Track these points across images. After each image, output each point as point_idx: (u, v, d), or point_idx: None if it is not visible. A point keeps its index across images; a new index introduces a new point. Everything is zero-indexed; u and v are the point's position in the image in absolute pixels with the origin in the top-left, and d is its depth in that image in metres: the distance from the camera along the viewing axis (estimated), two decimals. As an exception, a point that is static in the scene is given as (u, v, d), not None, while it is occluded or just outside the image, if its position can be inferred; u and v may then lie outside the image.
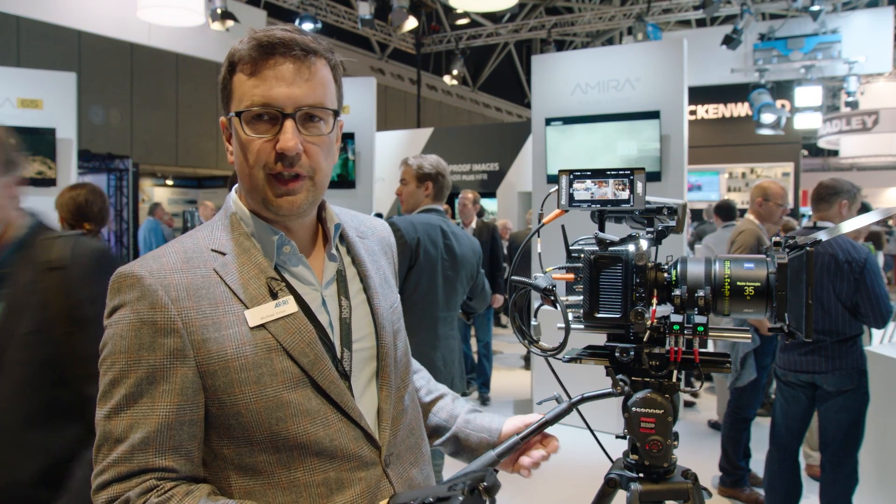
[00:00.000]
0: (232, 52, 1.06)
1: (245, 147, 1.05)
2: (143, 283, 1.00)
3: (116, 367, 0.99)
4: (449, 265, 3.21)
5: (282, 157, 1.03)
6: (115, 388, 0.98)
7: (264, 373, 1.01)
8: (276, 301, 1.05)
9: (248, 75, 1.03)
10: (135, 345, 0.98)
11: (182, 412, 0.99)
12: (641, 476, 1.22)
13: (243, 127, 1.04)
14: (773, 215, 4.10)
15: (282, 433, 1.01)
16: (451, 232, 3.28)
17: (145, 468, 0.97)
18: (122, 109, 13.36)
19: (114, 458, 0.96)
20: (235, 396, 1.00)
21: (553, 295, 1.18)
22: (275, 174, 1.04)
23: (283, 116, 1.03)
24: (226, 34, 8.45)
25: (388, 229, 1.36)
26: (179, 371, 0.99)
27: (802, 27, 10.87)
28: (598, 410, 1.59)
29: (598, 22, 14.32)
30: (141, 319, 0.99)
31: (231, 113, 1.06)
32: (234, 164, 1.11)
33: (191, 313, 1.00)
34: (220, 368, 1.00)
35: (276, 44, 1.02)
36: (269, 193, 1.05)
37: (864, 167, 19.73)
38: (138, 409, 0.97)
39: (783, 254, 1.11)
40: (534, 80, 5.98)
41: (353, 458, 1.06)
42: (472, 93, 21.98)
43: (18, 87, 6.64)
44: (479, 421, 1.33)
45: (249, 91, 1.03)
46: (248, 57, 1.03)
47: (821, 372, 3.24)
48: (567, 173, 1.21)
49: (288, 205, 1.06)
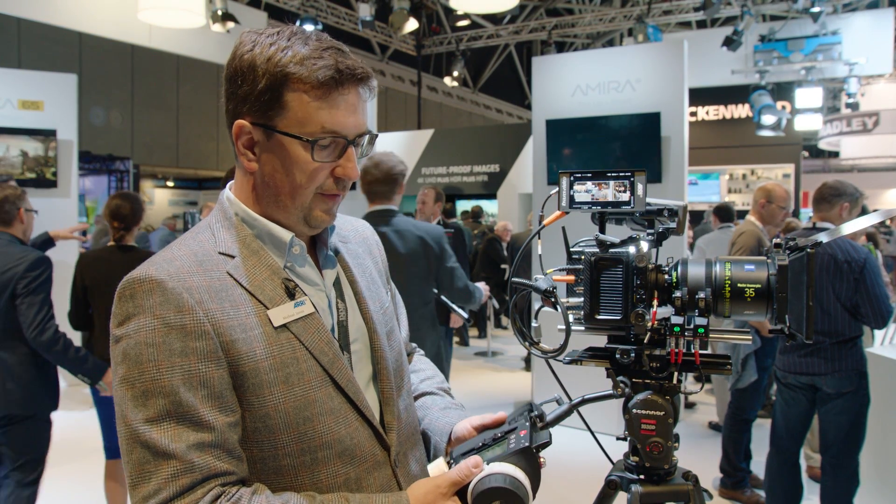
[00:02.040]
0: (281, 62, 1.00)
1: (303, 168, 1.04)
2: (164, 286, 0.96)
3: (147, 377, 0.93)
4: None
5: (338, 181, 1.06)
6: (150, 399, 0.93)
7: (292, 372, 1.01)
8: (295, 301, 1.05)
9: (315, 99, 1.01)
10: (165, 351, 0.94)
11: (226, 414, 0.96)
12: (642, 478, 1.21)
13: (306, 150, 1.02)
14: (776, 218, 4.10)
15: (308, 432, 1.01)
16: (394, 231, 3.24)
17: (208, 475, 0.92)
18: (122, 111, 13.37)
19: (171, 473, 0.91)
20: (264, 398, 0.99)
21: (554, 296, 1.18)
22: (324, 193, 1.07)
23: (347, 143, 1.04)
24: (227, 36, 8.45)
25: (370, 228, 1.36)
26: (216, 374, 0.96)
27: (803, 29, 10.87)
28: (598, 412, 1.59)
29: (598, 23, 14.33)
30: (168, 324, 0.95)
31: (280, 129, 1.02)
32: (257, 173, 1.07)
33: (217, 315, 0.98)
34: (251, 370, 0.98)
35: (350, 72, 1.02)
36: (316, 210, 1.07)
37: (864, 168, 19.71)
38: (184, 418, 0.93)
39: (784, 255, 1.11)
40: (534, 81, 5.98)
41: (369, 458, 1.08)
42: (473, 94, 21.99)
43: (19, 89, 6.64)
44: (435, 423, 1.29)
45: (320, 118, 1.01)
46: (318, 81, 1.00)
47: (821, 374, 3.23)
48: (567, 175, 1.21)
49: (330, 218, 1.10)
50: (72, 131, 6.77)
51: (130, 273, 0.99)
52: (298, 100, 1.01)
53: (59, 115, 6.70)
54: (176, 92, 14.27)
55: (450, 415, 1.28)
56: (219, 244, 1.06)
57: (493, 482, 0.94)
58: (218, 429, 0.94)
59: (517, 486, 0.94)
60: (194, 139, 14.65)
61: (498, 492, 0.93)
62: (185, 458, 0.91)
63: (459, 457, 1.06)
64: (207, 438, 0.93)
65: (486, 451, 1.04)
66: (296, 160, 1.03)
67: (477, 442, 1.08)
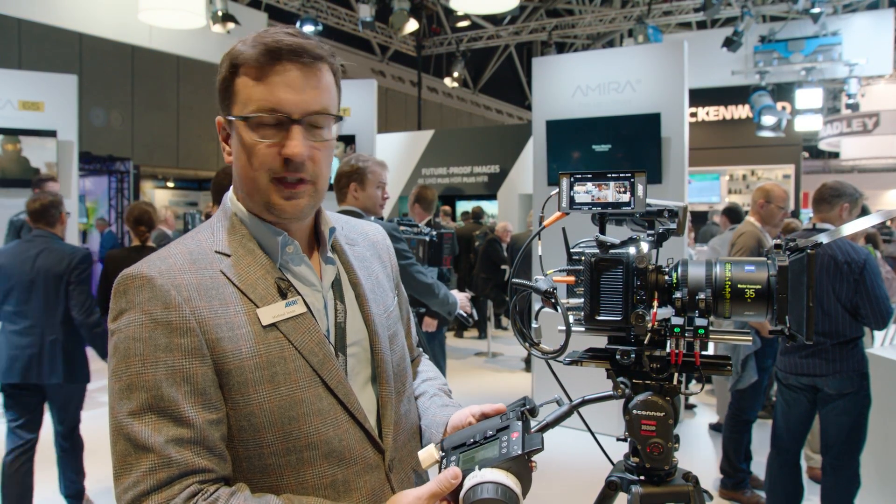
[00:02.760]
0: (234, 54, 1.05)
1: (249, 151, 1.04)
2: (153, 283, 0.98)
3: (132, 371, 0.95)
4: None
5: (288, 162, 1.03)
6: (134, 393, 0.94)
7: (278, 371, 1.01)
8: (286, 301, 1.05)
9: (253, 79, 1.03)
10: (150, 346, 0.95)
11: (208, 411, 0.97)
12: (642, 479, 1.21)
13: (249, 131, 1.04)
14: (774, 218, 4.10)
15: (294, 432, 1.01)
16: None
17: (186, 471, 0.93)
18: (122, 111, 13.37)
19: (149, 466, 0.91)
20: (249, 396, 0.99)
21: (554, 297, 1.18)
22: (279, 178, 1.05)
23: (290, 122, 1.03)
24: (226, 36, 8.46)
25: (382, 233, 1.35)
26: (199, 370, 0.97)
27: (803, 29, 10.87)
28: (598, 413, 1.59)
29: (598, 24, 14.34)
30: (154, 320, 0.96)
31: (233, 115, 1.06)
32: (231, 165, 1.11)
33: (204, 312, 0.99)
34: (235, 368, 0.99)
35: (284, 49, 1.02)
36: (274, 197, 1.06)
37: (864, 169, 19.70)
38: (165, 412, 0.94)
39: (784, 256, 1.11)
40: (534, 82, 5.98)
41: (359, 461, 1.07)
42: (473, 95, 22.00)
43: (19, 90, 6.65)
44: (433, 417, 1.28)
45: (256, 96, 1.03)
46: (254, 61, 1.02)
47: (822, 375, 3.23)
48: (568, 176, 1.21)
49: (292, 208, 1.06)
50: (72, 132, 6.78)
51: (125, 269, 1.01)
52: (242, 83, 1.04)
53: (60, 116, 6.71)
54: (176, 93, 14.27)
55: (449, 408, 1.28)
56: (216, 243, 1.08)
57: (485, 492, 0.93)
58: (198, 425, 0.95)
59: (509, 497, 0.93)
60: (194, 140, 14.65)
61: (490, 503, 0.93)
62: (163, 452, 0.92)
63: (450, 450, 1.05)
64: (187, 434, 0.94)
65: (478, 449, 1.03)
66: (243, 142, 1.05)
67: (468, 437, 1.07)
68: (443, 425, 1.22)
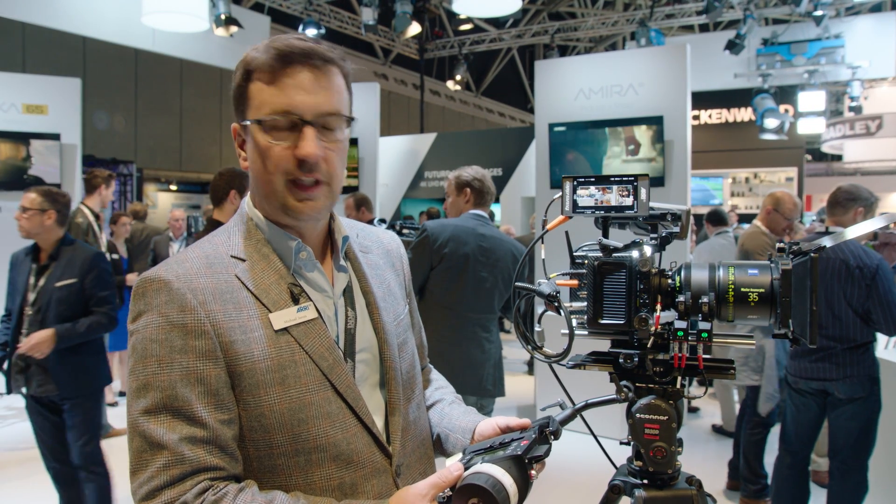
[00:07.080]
0: (248, 60, 1.07)
1: (264, 154, 1.06)
2: (170, 286, 1.01)
3: (149, 371, 0.98)
4: (483, 266, 3.22)
5: (302, 163, 1.05)
6: (150, 392, 0.97)
7: (289, 375, 1.03)
8: (299, 306, 1.07)
9: (266, 83, 1.05)
10: (166, 348, 0.99)
11: (221, 411, 0.99)
12: (645, 482, 1.21)
13: (263, 134, 1.06)
14: (777, 226, 4.09)
15: (303, 434, 1.03)
16: (488, 234, 3.32)
17: (198, 468, 0.96)
18: (126, 115, 13.41)
19: (163, 463, 0.95)
20: (260, 398, 1.01)
21: (557, 301, 1.18)
22: (294, 180, 1.07)
23: (303, 123, 1.05)
24: (230, 40, 8.47)
25: (397, 241, 1.37)
26: (213, 372, 1.00)
27: (806, 32, 10.85)
28: (602, 416, 1.59)
29: (601, 27, 14.34)
30: (171, 322, 1.00)
31: (247, 120, 1.08)
32: (248, 170, 1.13)
33: (218, 316, 1.02)
34: (247, 370, 1.01)
35: (295, 53, 1.04)
36: (290, 198, 1.08)
37: (868, 172, 19.65)
38: (179, 412, 0.97)
39: (787, 260, 1.11)
40: (537, 85, 5.98)
41: (367, 465, 1.08)
42: (476, 98, 22.01)
43: (23, 93, 6.67)
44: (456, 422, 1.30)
45: (269, 99, 1.05)
46: (266, 66, 1.05)
47: (832, 379, 3.19)
48: (571, 179, 1.21)
49: (308, 209, 1.09)
50: (76, 135, 6.79)
51: (145, 272, 1.05)
52: (256, 88, 1.07)
53: (63, 119, 6.72)
54: (179, 96, 14.30)
55: (472, 415, 1.30)
56: (232, 247, 1.10)
57: (475, 479, 0.95)
58: (211, 425, 0.97)
59: (497, 490, 0.94)
60: (198, 143, 14.68)
61: (476, 489, 0.94)
62: (177, 450, 0.95)
63: (471, 454, 1.07)
64: (200, 433, 0.96)
65: (493, 453, 1.05)
66: (257, 146, 1.07)
67: (488, 443, 1.10)
68: (468, 431, 1.25)
